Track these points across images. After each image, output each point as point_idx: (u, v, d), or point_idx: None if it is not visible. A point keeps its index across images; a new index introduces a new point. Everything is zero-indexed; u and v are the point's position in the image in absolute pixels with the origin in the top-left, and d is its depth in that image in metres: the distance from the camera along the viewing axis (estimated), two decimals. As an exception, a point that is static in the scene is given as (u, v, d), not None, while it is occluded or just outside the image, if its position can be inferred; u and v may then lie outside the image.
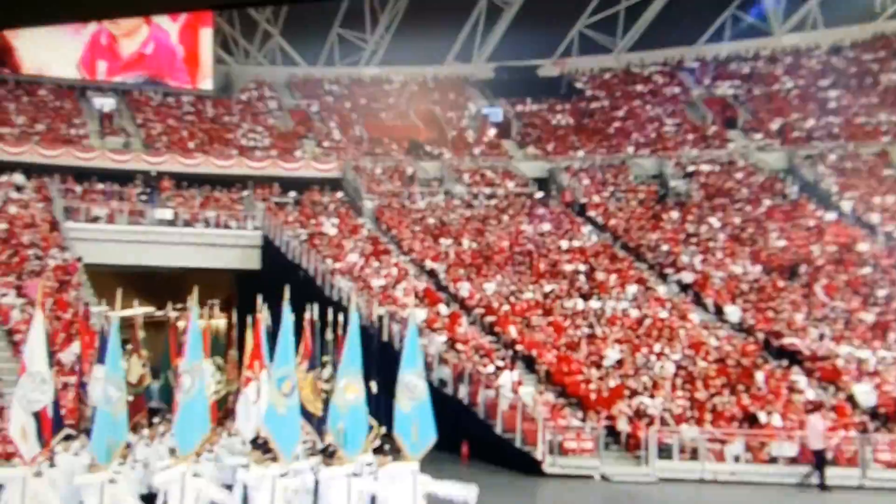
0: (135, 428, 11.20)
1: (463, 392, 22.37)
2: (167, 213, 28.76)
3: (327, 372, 11.86)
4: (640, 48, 43.42)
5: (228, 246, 29.30)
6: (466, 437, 21.00)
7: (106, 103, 33.32)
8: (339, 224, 30.92)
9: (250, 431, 10.79)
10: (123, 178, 30.24)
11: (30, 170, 29.16)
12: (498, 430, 20.90)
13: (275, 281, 28.04)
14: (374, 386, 10.75)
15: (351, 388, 9.57)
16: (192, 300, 11.07)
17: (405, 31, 41.11)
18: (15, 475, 8.53)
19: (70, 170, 29.58)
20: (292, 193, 32.68)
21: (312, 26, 40.92)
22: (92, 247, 26.68)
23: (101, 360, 10.79)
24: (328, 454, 9.72)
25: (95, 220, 28.08)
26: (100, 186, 29.54)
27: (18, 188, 28.15)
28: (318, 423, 10.93)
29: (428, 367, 23.00)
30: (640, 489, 18.82)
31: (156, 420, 11.79)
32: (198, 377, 9.47)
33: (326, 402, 10.66)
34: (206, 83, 36.42)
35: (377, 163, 35.60)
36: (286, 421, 9.45)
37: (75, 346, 22.05)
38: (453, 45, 42.88)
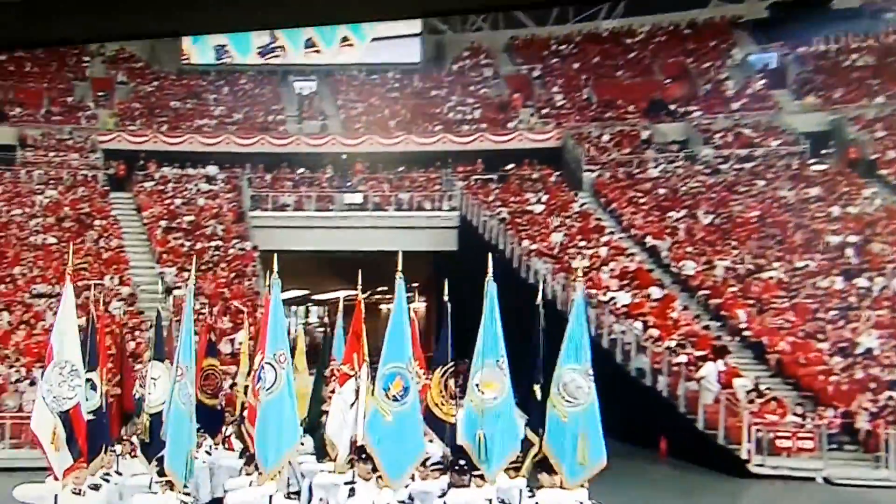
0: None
1: (662, 383, 22.40)
2: (357, 198, 31.75)
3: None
4: None
5: (422, 228, 31.63)
6: (665, 432, 21.53)
7: (306, 86, 37.45)
8: (549, 200, 31.79)
9: (345, 441, 9.88)
10: (315, 163, 33.83)
11: (224, 160, 33.78)
12: (700, 425, 20.99)
13: (471, 263, 30.05)
14: (538, 391, 9.35)
15: (489, 385, 8.57)
16: (274, 275, 10.31)
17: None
18: (44, 493, 7.84)
19: (264, 157, 33.76)
20: (511, 165, 34.18)
21: (543, -19, 42.14)
22: (278, 234, 30.31)
23: (158, 356, 10.67)
24: (460, 471, 8.65)
25: (283, 207, 31.85)
26: (289, 174, 33.33)
27: (209, 179, 32.77)
28: (450, 433, 9.82)
29: (625, 357, 23.41)
30: (873, 494, 17.91)
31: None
32: (285, 369, 8.67)
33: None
34: (414, 55, 39.26)
35: (605, 128, 35.93)
36: (395, 432, 8.44)
37: (240, 335, 25.44)
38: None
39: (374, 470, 8.56)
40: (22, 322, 26.63)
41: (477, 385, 8.55)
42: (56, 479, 7.84)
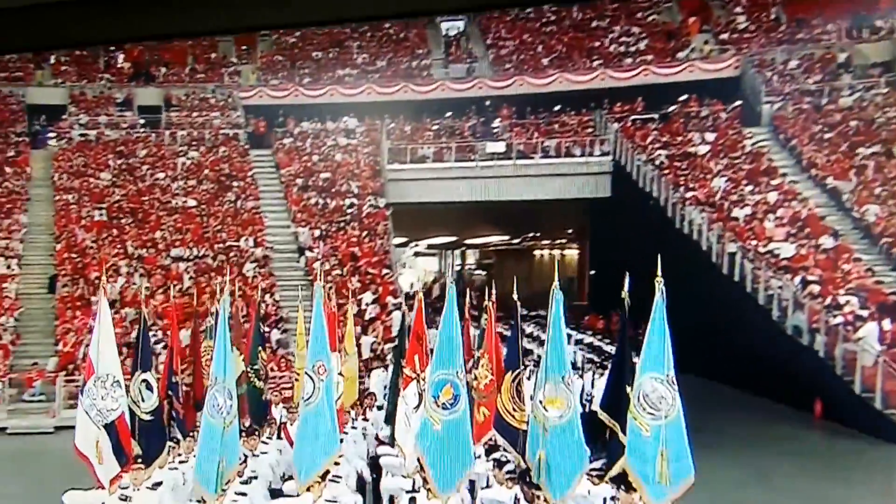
0: None
1: (819, 343, 21.99)
2: (499, 146, 32.22)
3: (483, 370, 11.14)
4: None
5: (571, 175, 31.91)
6: (821, 393, 21.56)
7: (454, 27, 37.99)
8: (716, 140, 30.96)
9: (412, 447, 10.12)
10: (459, 110, 34.53)
11: (364, 111, 35.06)
12: (857, 388, 20.76)
13: (625, 211, 30.10)
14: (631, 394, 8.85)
15: (553, 402, 8.59)
16: (317, 283, 10.59)
17: None
18: (92, 500, 8.69)
19: (406, 106, 34.77)
20: (683, 97, 33.52)
21: None
22: (416, 187, 31.67)
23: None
24: (530, 485, 8.87)
25: (423, 159, 32.83)
26: (430, 124, 34.27)
27: (348, 133, 34.25)
28: (521, 441, 9.73)
29: (782, 314, 22.97)
30: None
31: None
32: (323, 381, 8.97)
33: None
34: (575, -17, 38.79)
35: (794, 53, 34.31)
36: (445, 442, 8.67)
37: (366, 296, 26.84)
38: None
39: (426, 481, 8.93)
40: (160, 286, 29.19)
41: (540, 401, 8.64)
42: (103, 488, 8.66)
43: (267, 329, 26.74)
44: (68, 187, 33.22)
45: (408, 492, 9.43)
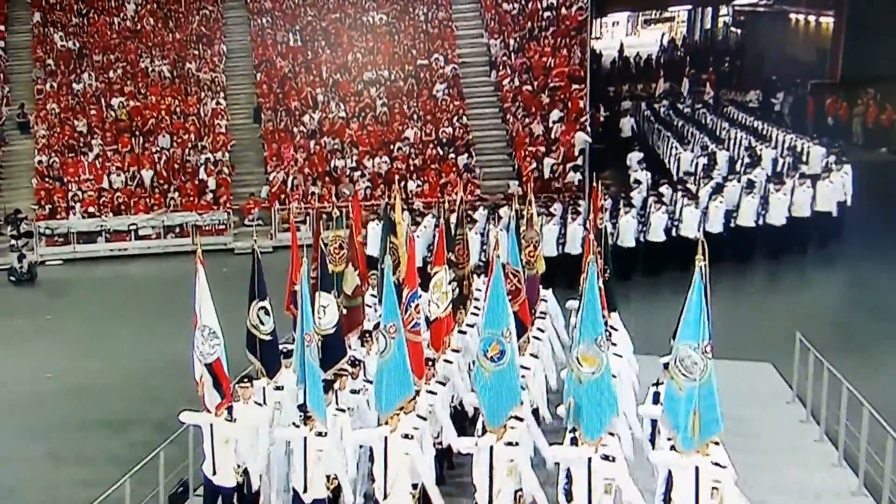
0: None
1: None
2: None
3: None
4: None
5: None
6: None
7: None
8: None
9: None
10: None
11: None
12: None
13: None
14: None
15: (586, 360, 9.54)
16: (387, 258, 11.74)
17: None
18: (203, 420, 10.94)
19: None
20: None
21: None
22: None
23: (325, 288, 12.03)
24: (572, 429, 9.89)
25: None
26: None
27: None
28: None
29: None
30: None
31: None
32: (395, 339, 10.22)
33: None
34: None
35: None
36: (494, 387, 10.00)
37: (554, 114, 26.01)
38: None
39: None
40: (354, 114, 29.37)
41: (576, 357, 9.65)
42: (209, 412, 10.88)
43: (453, 155, 26.56)
44: (262, 9, 33.41)
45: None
